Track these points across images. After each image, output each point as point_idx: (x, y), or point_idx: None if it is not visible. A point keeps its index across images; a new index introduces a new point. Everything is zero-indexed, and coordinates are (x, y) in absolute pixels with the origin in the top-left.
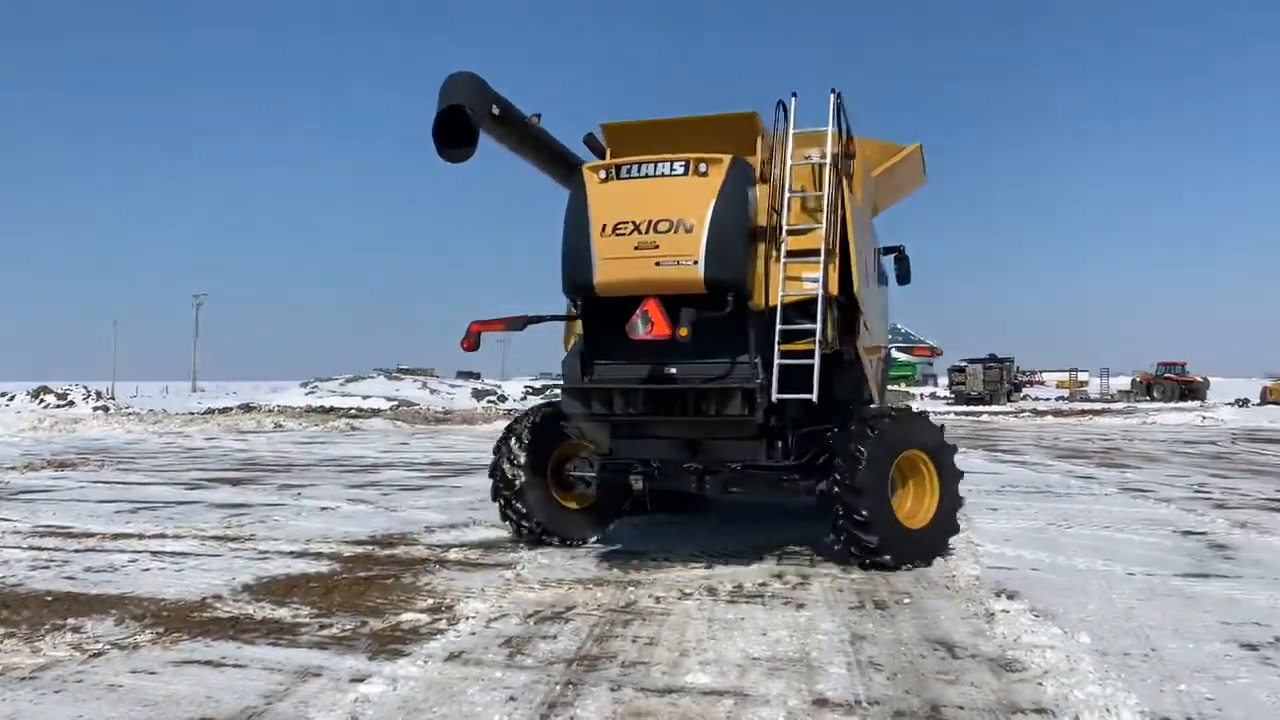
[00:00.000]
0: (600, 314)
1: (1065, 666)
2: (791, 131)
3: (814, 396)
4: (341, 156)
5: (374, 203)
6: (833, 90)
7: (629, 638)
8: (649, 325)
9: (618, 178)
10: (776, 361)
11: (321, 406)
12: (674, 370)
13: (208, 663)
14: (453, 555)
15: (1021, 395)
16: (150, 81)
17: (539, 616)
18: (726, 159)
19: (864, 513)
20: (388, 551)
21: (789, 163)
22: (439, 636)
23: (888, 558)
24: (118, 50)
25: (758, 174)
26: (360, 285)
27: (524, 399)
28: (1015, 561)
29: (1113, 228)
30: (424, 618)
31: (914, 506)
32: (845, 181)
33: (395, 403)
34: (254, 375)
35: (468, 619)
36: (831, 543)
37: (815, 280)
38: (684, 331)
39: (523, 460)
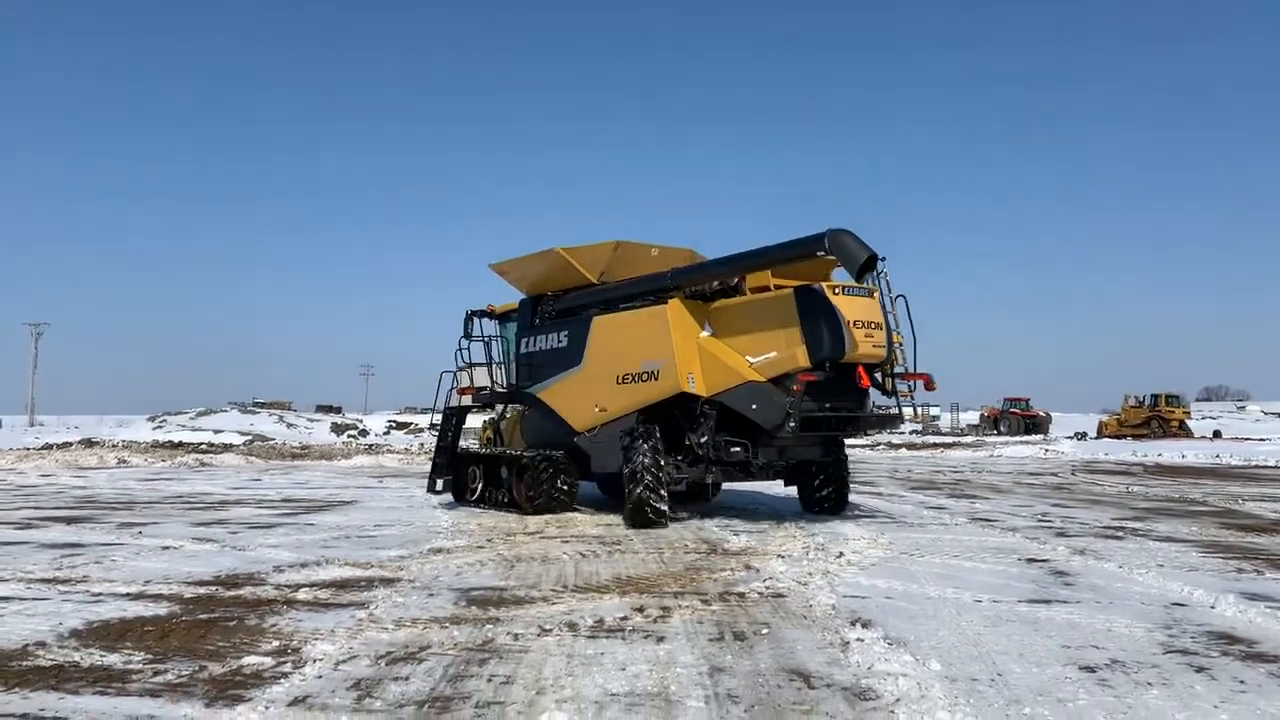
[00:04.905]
0: (831, 372)
1: (916, 694)
2: (884, 278)
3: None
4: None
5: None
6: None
7: (485, 677)
8: (862, 380)
9: (846, 294)
10: (901, 401)
11: (170, 441)
12: (859, 405)
13: (24, 716)
14: (302, 595)
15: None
16: None
17: (391, 657)
18: (876, 288)
19: (847, 487)
20: (232, 592)
21: (889, 293)
22: (283, 681)
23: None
24: None
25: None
26: (214, 314)
27: (387, 433)
28: (870, 590)
29: (962, 271)
30: (268, 661)
31: None
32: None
33: (249, 437)
34: (99, 409)
35: (315, 661)
36: (825, 507)
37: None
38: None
39: (660, 465)
